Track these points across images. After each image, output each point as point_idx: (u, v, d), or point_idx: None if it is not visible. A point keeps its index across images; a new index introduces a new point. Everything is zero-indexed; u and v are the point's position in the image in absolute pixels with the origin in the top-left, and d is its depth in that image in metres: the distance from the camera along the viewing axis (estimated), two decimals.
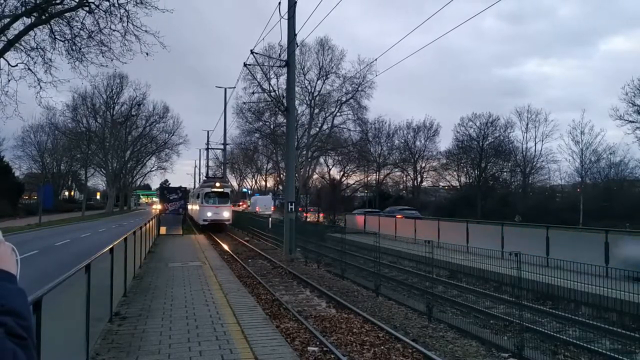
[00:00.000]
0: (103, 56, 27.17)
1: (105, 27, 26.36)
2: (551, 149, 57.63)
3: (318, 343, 8.55)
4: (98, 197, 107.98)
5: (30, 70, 27.08)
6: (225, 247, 25.73)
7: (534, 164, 59.55)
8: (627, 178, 50.57)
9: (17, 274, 1.20)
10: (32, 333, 1.08)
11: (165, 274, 13.75)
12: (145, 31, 26.30)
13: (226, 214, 36.02)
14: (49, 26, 26.36)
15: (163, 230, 29.12)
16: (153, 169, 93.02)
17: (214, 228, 35.36)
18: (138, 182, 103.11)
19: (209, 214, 35.26)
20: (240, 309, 9.41)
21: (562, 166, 58.56)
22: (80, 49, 26.96)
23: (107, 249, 8.03)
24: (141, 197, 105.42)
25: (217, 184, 36.65)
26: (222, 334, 7.54)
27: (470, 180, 63.45)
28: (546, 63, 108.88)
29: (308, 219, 39.74)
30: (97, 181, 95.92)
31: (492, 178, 62.03)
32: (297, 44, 17.81)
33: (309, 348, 8.29)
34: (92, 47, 27.11)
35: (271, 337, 7.54)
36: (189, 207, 43.67)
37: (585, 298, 10.75)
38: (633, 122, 42.93)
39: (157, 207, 78.06)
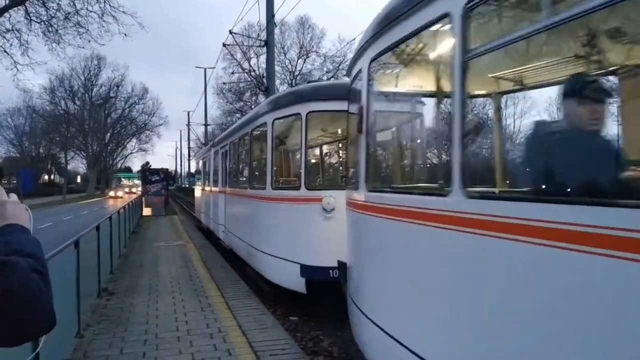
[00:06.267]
0: (80, 38, 27.10)
1: (82, 9, 26.19)
2: None
3: (299, 313, 8.98)
4: (79, 180, 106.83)
5: (7, 52, 26.84)
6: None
7: None
8: None
9: (30, 229, 1.52)
10: (47, 270, 1.32)
11: (150, 253, 14.05)
12: (123, 12, 26.23)
13: None
14: (24, 7, 26.06)
15: (147, 211, 29.20)
16: (134, 151, 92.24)
17: None
18: (119, 165, 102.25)
19: None
20: (224, 283, 9.80)
21: None
22: (57, 30, 26.77)
23: (93, 226, 8.33)
24: (122, 179, 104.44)
25: None
26: (207, 305, 7.92)
27: None
28: None
29: None
30: (78, 164, 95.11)
31: None
32: (275, 23, 17.93)
33: (290, 317, 8.72)
34: (69, 28, 26.96)
35: (254, 307, 7.93)
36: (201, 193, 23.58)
37: None
38: None
39: (117, 193, 72.51)
